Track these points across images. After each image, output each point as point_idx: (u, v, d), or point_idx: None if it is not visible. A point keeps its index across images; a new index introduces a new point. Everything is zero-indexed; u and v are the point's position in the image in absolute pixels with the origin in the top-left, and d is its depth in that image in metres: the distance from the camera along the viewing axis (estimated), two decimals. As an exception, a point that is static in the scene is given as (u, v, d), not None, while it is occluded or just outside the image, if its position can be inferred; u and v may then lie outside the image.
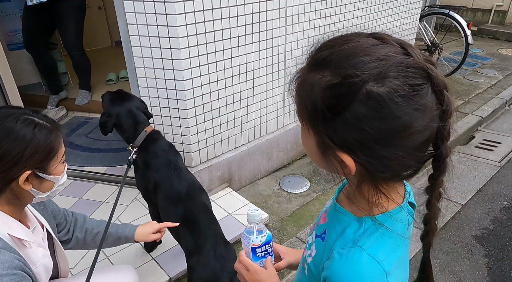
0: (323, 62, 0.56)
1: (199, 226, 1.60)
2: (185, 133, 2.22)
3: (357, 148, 0.55)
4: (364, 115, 0.52)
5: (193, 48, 2.01)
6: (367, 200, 0.62)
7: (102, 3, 5.19)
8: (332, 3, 2.70)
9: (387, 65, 0.51)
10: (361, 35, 0.58)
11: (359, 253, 0.60)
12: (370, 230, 0.62)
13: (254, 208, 0.86)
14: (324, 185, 2.71)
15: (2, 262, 0.88)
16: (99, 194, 2.48)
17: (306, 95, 0.58)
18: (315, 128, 0.58)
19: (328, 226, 0.70)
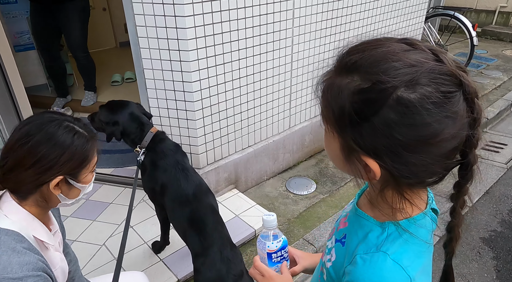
0: (352, 66, 0.56)
1: (206, 228, 1.60)
2: (193, 134, 2.22)
3: (384, 153, 0.54)
4: (393, 121, 0.52)
5: (201, 50, 2.02)
6: (390, 206, 0.61)
7: (107, 4, 5.20)
8: (339, 5, 2.70)
9: (419, 72, 0.51)
10: (392, 40, 0.57)
11: (383, 258, 0.59)
12: (394, 235, 0.61)
13: (269, 213, 0.85)
14: (331, 186, 2.71)
15: (27, 263, 0.89)
16: (106, 195, 2.48)
17: (333, 98, 0.57)
18: (341, 132, 0.58)
19: (349, 231, 0.69)
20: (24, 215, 0.96)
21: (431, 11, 4.50)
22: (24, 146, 0.91)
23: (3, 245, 0.88)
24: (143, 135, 1.73)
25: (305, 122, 2.92)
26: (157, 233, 2.13)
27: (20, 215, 0.95)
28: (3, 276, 0.84)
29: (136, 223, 2.23)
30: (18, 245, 0.90)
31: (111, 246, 2.06)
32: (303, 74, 2.72)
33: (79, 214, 2.30)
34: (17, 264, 0.87)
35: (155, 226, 2.20)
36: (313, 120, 2.97)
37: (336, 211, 2.45)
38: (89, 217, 2.28)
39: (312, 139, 3.02)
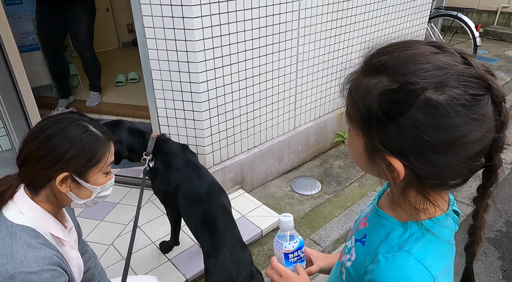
0: (380, 67, 0.57)
1: (218, 228, 1.61)
2: (200, 135, 2.23)
3: (410, 153, 0.55)
4: (421, 122, 0.52)
5: (208, 51, 2.03)
6: (413, 206, 0.62)
7: (110, 5, 5.21)
8: (344, 6, 2.71)
9: (448, 74, 0.52)
10: (420, 42, 0.58)
11: (406, 257, 0.60)
12: (416, 235, 0.62)
13: (286, 214, 0.86)
14: (336, 187, 2.72)
15: (43, 258, 0.90)
16: (112, 196, 2.49)
17: (360, 98, 0.58)
18: (366, 131, 0.59)
19: (369, 231, 0.70)
20: (38, 212, 0.96)
21: (433, 12, 4.51)
22: (36, 139, 0.93)
23: (19, 240, 0.89)
24: (146, 142, 1.73)
25: (310, 123, 2.94)
26: (165, 233, 2.14)
27: (34, 212, 0.96)
28: (19, 270, 0.85)
29: (144, 223, 2.24)
30: (33, 241, 0.91)
31: (119, 246, 2.08)
32: (308, 74, 2.73)
33: (86, 214, 2.31)
34: (33, 258, 0.88)
35: (162, 226, 2.21)
36: (318, 121, 2.98)
37: (342, 211, 2.46)
38: (97, 217, 2.29)
39: (316, 140, 3.03)
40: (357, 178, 2.82)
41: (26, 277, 0.85)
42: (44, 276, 0.88)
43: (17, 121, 2.48)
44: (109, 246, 2.08)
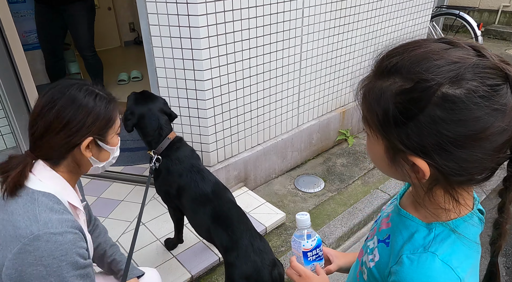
0: (392, 68, 0.56)
1: (232, 221, 1.60)
2: (204, 133, 2.24)
3: (433, 151, 0.54)
4: (441, 118, 0.52)
5: (213, 49, 2.04)
6: (439, 206, 0.61)
7: (112, 3, 5.22)
8: (347, 4, 2.72)
9: (462, 67, 0.51)
10: (430, 40, 0.58)
11: (432, 259, 0.59)
12: (442, 236, 0.61)
13: (302, 213, 0.86)
14: (339, 184, 2.73)
15: (66, 221, 0.91)
16: (117, 193, 2.50)
17: (375, 101, 0.58)
18: (386, 134, 0.58)
19: (393, 231, 0.69)
20: (58, 180, 0.97)
21: (435, 10, 4.52)
22: (51, 111, 0.93)
23: (41, 204, 0.90)
24: (160, 140, 1.69)
25: (313, 121, 2.94)
26: (169, 230, 2.15)
27: (54, 180, 0.97)
28: (44, 231, 0.86)
29: (148, 220, 2.25)
30: (55, 205, 0.92)
31: (124, 243, 2.08)
32: (312, 73, 2.74)
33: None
34: (57, 220, 0.89)
35: (167, 223, 2.22)
36: (321, 119, 2.99)
37: (345, 208, 2.47)
38: (101, 214, 2.30)
39: (319, 138, 3.04)
40: (360, 176, 2.83)
41: (50, 238, 0.86)
42: (68, 238, 0.88)
43: (21, 119, 2.49)
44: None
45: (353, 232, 2.37)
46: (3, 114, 2.44)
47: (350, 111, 3.22)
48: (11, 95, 2.40)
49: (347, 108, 3.19)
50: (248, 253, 1.51)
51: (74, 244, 0.90)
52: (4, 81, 2.35)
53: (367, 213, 2.43)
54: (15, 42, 2.39)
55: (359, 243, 2.34)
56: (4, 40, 2.32)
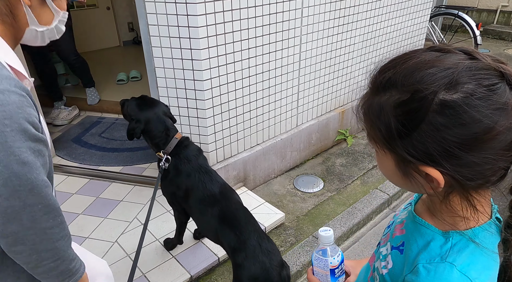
0: (387, 83, 0.57)
1: (240, 222, 1.60)
2: (203, 132, 2.24)
3: (442, 158, 0.53)
4: (442, 124, 0.52)
5: (212, 49, 2.03)
6: (456, 213, 0.60)
7: (111, 3, 5.21)
8: (346, 4, 2.72)
9: (456, 72, 0.51)
10: (419, 51, 0.58)
11: (450, 269, 0.57)
12: (460, 245, 0.59)
13: (325, 229, 0.82)
14: (338, 184, 2.73)
15: (8, 78, 0.70)
16: (116, 193, 2.50)
17: (376, 117, 0.58)
18: (392, 148, 0.58)
19: (407, 239, 0.68)
20: None
21: (434, 10, 4.52)
22: None
23: None
24: (168, 141, 1.71)
25: (312, 121, 2.95)
26: (169, 230, 2.16)
27: None
28: None
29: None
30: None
31: (123, 243, 2.08)
32: (311, 72, 2.74)
33: (90, 212, 2.32)
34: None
35: (166, 223, 2.22)
36: (320, 119, 2.99)
37: (345, 208, 2.47)
38: (101, 214, 2.30)
39: (318, 138, 3.04)
40: (359, 176, 2.83)
41: None
42: (12, 98, 0.68)
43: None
44: (114, 243, 2.09)
45: (352, 232, 2.38)
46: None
47: (349, 111, 3.23)
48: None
49: (346, 108, 3.20)
50: (256, 254, 1.50)
51: (21, 108, 0.69)
52: None
53: (366, 213, 2.44)
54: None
55: (358, 243, 2.34)
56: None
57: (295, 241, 2.21)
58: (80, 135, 3.15)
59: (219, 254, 2.02)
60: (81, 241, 2.11)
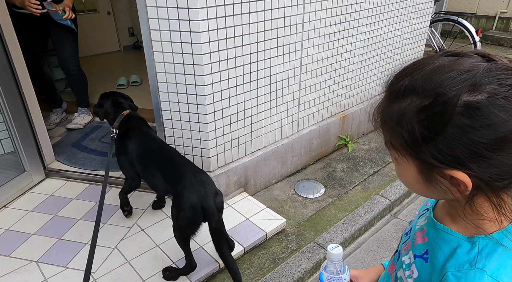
0: (406, 89, 0.57)
1: (176, 163, 1.90)
2: (204, 137, 2.23)
3: (469, 160, 0.53)
4: (469, 126, 0.52)
5: (214, 54, 2.03)
6: (480, 217, 0.59)
7: (111, 8, 5.22)
8: (347, 10, 2.73)
9: (477, 74, 0.52)
10: (434, 56, 0.58)
11: (480, 276, 0.57)
12: (487, 250, 0.59)
13: (334, 246, 0.82)
14: (339, 190, 2.72)
15: None
16: (116, 199, 2.47)
17: (398, 124, 0.57)
18: (416, 153, 0.57)
19: (431, 247, 0.67)
20: None
21: (434, 16, 4.54)
22: None
23: None
24: (116, 117, 2.17)
25: (313, 126, 2.94)
26: (169, 236, 2.14)
27: None
28: None
29: (148, 226, 2.23)
30: None
31: (123, 249, 2.06)
32: (312, 78, 2.74)
33: (90, 217, 2.30)
34: None
35: (167, 229, 2.20)
36: (321, 124, 2.99)
37: (346, 214, 2.46)
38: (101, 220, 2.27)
39: (319, 143, 3.03)
40: (361, 181, 2.82)
41: None
42: None
43: (20, 124, 2.47)
44: (113, 249, 2.07)
45: (354, 238, 2.36)
46: (2, 118, 2.42)
47: (350, 116, 3.22)
48: (10, 100, 2.39)
49: (347, 113, 3.19)
50: (192, 183, 1.74)
51: None
52: (3, 86, 2.34)
53: (368, 219, 2.42)
54: (15, 47, 2.38)
55: (360, 249, 2.33)
56: (4, 45, 2.31)
57: (297, 247, 2.19)
58: (80, 140, 3.14)
59: (220, 260, 2.00)
60: (81, 247, 2.09)
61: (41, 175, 2.67)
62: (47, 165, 2.73)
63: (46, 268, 1.96)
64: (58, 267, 1.96)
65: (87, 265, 1.31)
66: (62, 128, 3.37)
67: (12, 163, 2.54)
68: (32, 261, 2.00)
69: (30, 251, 2.06)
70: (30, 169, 2.58)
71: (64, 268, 1.95)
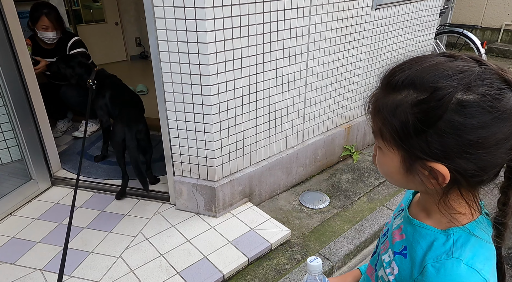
0: (404, 82, 0.60)
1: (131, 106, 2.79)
2: (210, 147, 2.24)
3: (456, 155, 0.57)
4: (460, 123, 0.55)
5: (220, 64, 2.05)
6: (454, 210, 0.63)
7: (119, 18, 5.30)
8: (353, 21, 2.75)
9: (472, 75, 0.55)
10: (431, 55, 0.62)
11: (457, 264, 0.60)
12: (461, 241, 0.63)
13: (313, 258, 0.84)
14: (344, 201, 2.71)
15: None
16: (120, 207, 2.48)
17: (391, 114, 0.60)
18: (404, 144, 0.60)
19: (409, 242, 0.70)
20: None
21: (439, 29, 4.56)
22: None
23: None
24: (91, 72, 2.84)
25: (318, 136, 2.94)
26: (174, 245, 2.13)
27: None
28: None
29: (152, 235, 2.23)
30: None
31: (127, 258, 2.06)
32: (317, 88, 2.75)
33: (94, 226, 2.30)
34: None
35: (171, 238, 2.20)
36: (326, 134, 2.99)
37: (351, 225, 2.44)
38: (105, 228, 2.28)
39: (324, 153, 3.03)
40: (366, 192, 2.80)
41: None
42: None
43: (28, 132, 2.50)
44: (118, 258, 2.06)
45: (359, 250, 2.34)
46: (10, 126, 2.45)
47: (355, 127, 3.22)
48: (19, 108, 2.42)
49: (352, 124, 3.19)
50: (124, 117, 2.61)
51: None
52: (12, 94, 2.37)
53: (373, 231, 2.40)
54: (24, 56, 2.42)
55: (365, 261, 2.30)
56: (14, 53, 2.35)
57: (301, 258, 2.18)
58: (86, 148, 3.16)
59: (224, 270, 1.99)
60: (85, 256, 2.09)
61: (47, 183, 2.68)
62: (53, 173, 2.75)
63: (50, 277, 1.96)
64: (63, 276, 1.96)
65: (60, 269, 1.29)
66: (69, 136, 3.40)
67: (19, 171, 2.56)
68: (37, 269, 2.00)
69: (35, 259, 2.06)
70: (37, 177, 2.59)
71: (69, 277, 1.95)
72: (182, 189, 2.41)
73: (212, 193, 2.34)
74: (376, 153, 0.70)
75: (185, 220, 2.36)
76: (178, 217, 2.39)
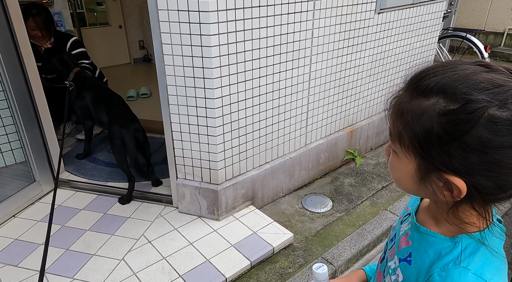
0: (434, 88, 0.56)
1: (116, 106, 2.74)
2: (213, 150, 2.24)
3: (477, 172, 0.54)
4: (488, 140, 0.52)
5: (224, 68, 2.06)
6: (463, 221, 0.61)
7: (123, 22, 5.33)
8: (356, 26, 2.75)
9: (509, 91, 0.52)
10: (465, 62, 0.58)
11: (465, 274, 0.58)
12: (470, 249, 0.61)
13: (319, 265, 0.83)
14: (347, 205, 2.70)
15: None
16: (123, 210, 2.49)
17: (415, 121, 0.57)
18: (424, 153, 0.57)
19: (415, 249, 0.68)
20: None
21: (442, 32, 4.56)
22: None
23: None
24: (69, 73, 2.79)
25: (321, 140, 2.94)
26: (176, 248, 2.13)
27: None
28: None
29: (155, 238, 2.23)
30: None
31: (130, 261, 2.06)
32: (320, 92, 2.75)
33: (97, 228, 2.30)
34: None
35: (174, 241, 2.20)
36: (329, 138, 2.98)
37: (354, 229, 2.43)
38: (108, 231, 2.28)
39: (327, 157, 3.03)
40: (369, 196, 2.80)
41: None
42: None
43: (32, 134, 2.51)
44: (120, 261, 2.06)
45: (362, 254, 2.33)
46: (14, 129, 2.46)
47: (358, 130, 3.22)
48: (23, 111, 2.43)
49: (355, 128, 3.19)
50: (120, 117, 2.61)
51: None
52: (17, 96, 2.39)
53: (376, 235, 2.39)
54: (30, 59, 2.44)
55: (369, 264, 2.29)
56: (19, 57, 2.37)
57: (304, 262, 2.17)
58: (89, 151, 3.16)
59: (227, 274, 1.99)
60: (88, 258, 2.09)
61: (51, 185, 2.69)
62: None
63: (53, 279, 1.96)
64: (65, 278, 1.96)
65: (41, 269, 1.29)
66: (72, 138, 3.41)
67: (23, 173, 2.57)
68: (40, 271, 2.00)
69: (38, 262, 2.06)
70: (40, 179, 2.60)
71: (71, 279, 1.95)
72: (185, 192, 2.41)
73: (215, 196, 2.34)
74: (389, 156, 0.67)
75: (187, 223, 2.36)
76: (181, 220, 2.39)
